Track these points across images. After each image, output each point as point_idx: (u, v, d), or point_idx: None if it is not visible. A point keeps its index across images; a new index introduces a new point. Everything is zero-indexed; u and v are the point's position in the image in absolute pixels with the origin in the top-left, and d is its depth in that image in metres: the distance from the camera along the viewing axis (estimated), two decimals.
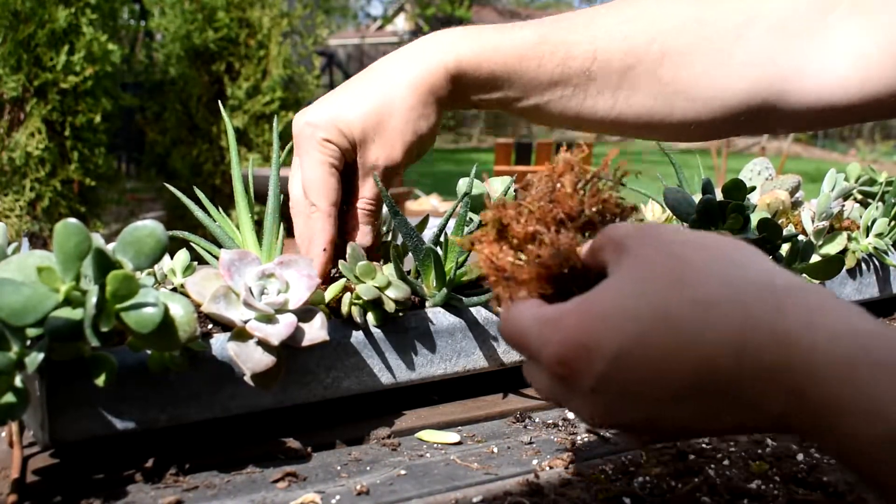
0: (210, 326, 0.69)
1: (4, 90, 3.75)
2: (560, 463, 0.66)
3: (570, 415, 0.77)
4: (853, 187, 1.22)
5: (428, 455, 0.69)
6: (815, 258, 1.02)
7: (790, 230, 1.03)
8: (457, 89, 0.75)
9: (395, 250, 0.77)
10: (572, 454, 0.69)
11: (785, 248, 0.96)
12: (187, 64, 4.77)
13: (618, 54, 0.74)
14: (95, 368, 0.58)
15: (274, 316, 0.66)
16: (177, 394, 0.65)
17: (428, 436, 0.73)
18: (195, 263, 0.80)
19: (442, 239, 0.81)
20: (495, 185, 0.90)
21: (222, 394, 0.67)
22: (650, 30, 0.75)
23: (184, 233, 0.80)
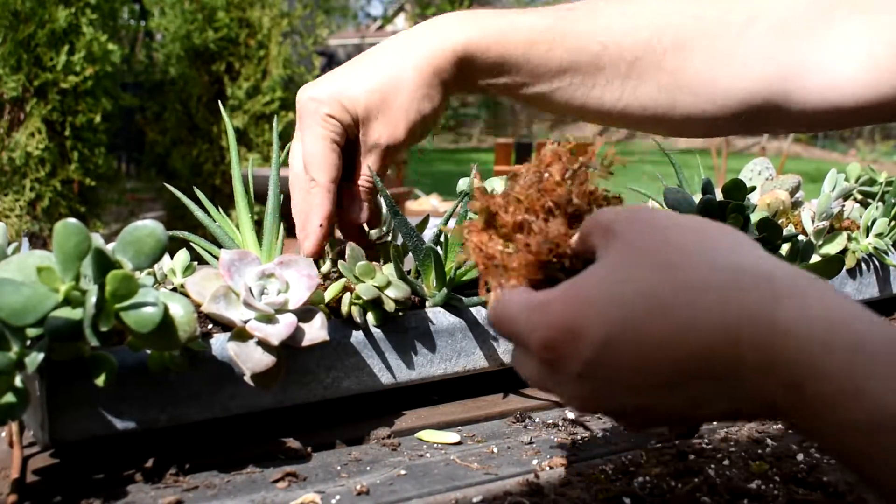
0: (210, 326, 0.69)
1: (4, 90, 3.75)
2: (560, 463, 0.66)
3: (571, 415, 0.77)
4: (853, 187, 1.22)
5: (428, 455, 0.69)
6: (815, 258, 1.02)
7: (790, 230, 1.03)
8: (463, 73, 0.75)
9: (395, 250, 0.77)
10: (572, 454, 0.69)
11: (785, 248, 0.96)
12: (187, 64, 4.77)
13: (626, 45, 0.74)
14: (95, 368, 0.58)
15: (274, 316, 0.66)
16: (177, 394, 0.65)
17: (428, 436, 0.73)
18: (195, 263, 0.80)
19: (442, 239, 0.81)
20: (495, 185, 0.90)
21: (222, 394, 0.67)
22: (653, 24, 0.74)
23: (184, 233, 0.80)
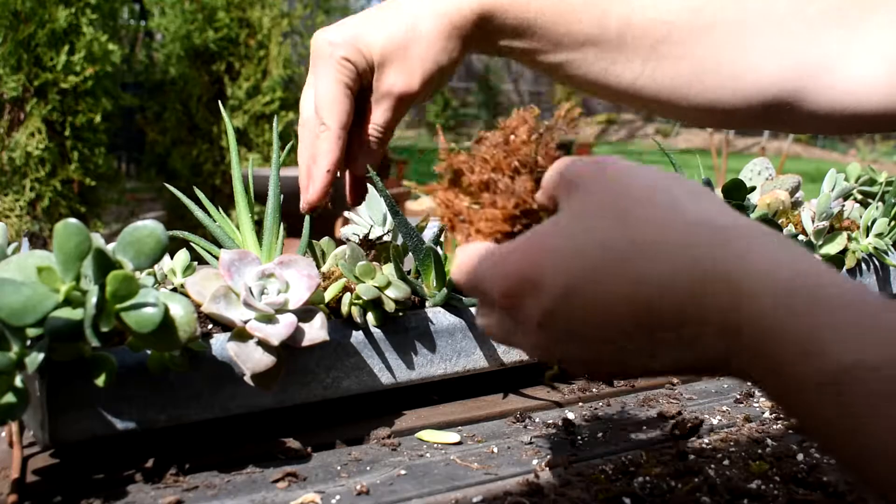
0: (210, 326, 0.69)
1: (4, 90, 3.75)
2: (560, 463, 0.66)
3: (570, 415, 0.77)
4: (853, 187, 1.22)
5: (428, 455, 0.69)
6: None
7: (790, 230, 1.03)
8: (482, 30, 0.73)
9: (395, 250, 0.77)
10: (572, 454, 0.69)
11: None
12: (187, 64, 4.77)
13: (653, 23, 0.72)
14: (95, 368, 0.58)
15: (274, 316, 0.66)
16: (177, 394, 0.65)
17: (428, 436, 0.73)
18: (195, 263, 0.80)
19: (442, 239, 0.81)
20: None
21: (222, 394, 0.67)
22: (682, 7, 0.73)
23: (184, 233, 0.80)
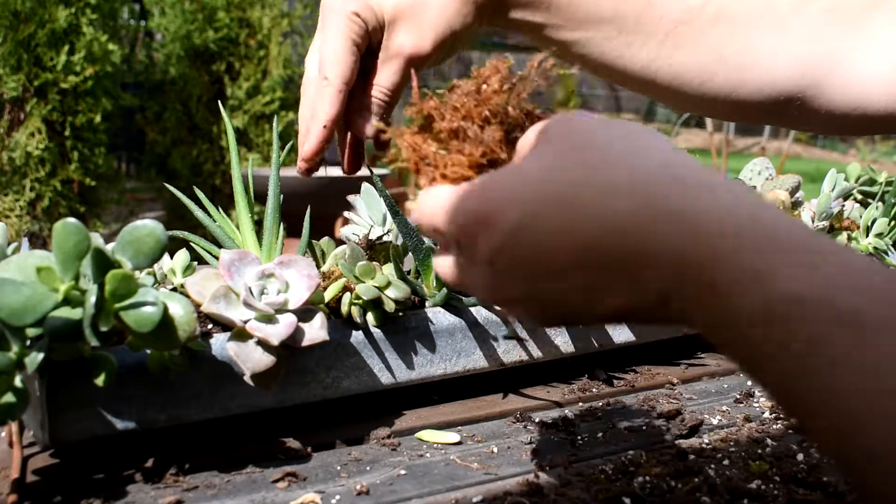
0: (210, 326, 0.69)
1: (4, 90, 3.75)
2: (560, 463, 0.66)
3: (570, 414, 0.77)
4: (853, 187, 1.22)
5: (428, 455, 0.69)
6: None
7: None
8: (497, 0, 0.71)
9: (395, 250, 0.77)
10: (572, 454, 0.69)
11: None
12: (187, 64, 4.77)
13: (673, 7, 0.71)
14: (95, 368, 0.58)
15: (274, 316, 0.66)
16: (176, 394, 0.65)
17: (428, 436, 0.73)
18: (195, 263, 0.80)
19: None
20: None
21: (222, 394, 0.67)
22: None
23: (184, 233, 0.80)
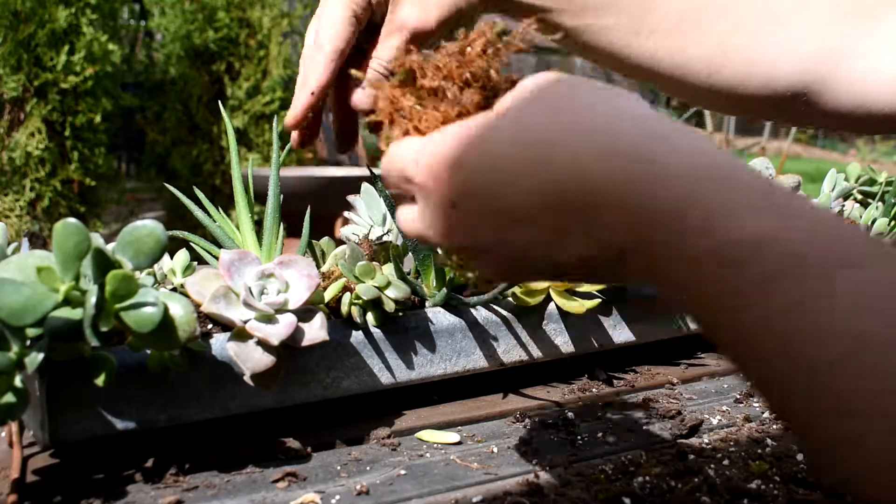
0: (210, 326, 0.69)
1: (4, 90, 3.75)
2: (560, 463, 0.66)
3: (570, 414, 0.77)
4: (853, 187, 1.22)
5: (428, 455, 0.69)
6: None
7: None
8: None
9: (395, 250, 0.77)
10: (572, 454, 0.69)
11: None
12: (187, 64, 4.77)
13: None
14: (95, 368, 0.58)
15: (274, 316, 0.66)
16: (177, 394, 0.65)
17: (428, 436, 0.73)
18: (195, 263, 0.80)
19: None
20: None
21: (222, 394, 0.67)
22: None
23: (184, 233, 0.80)
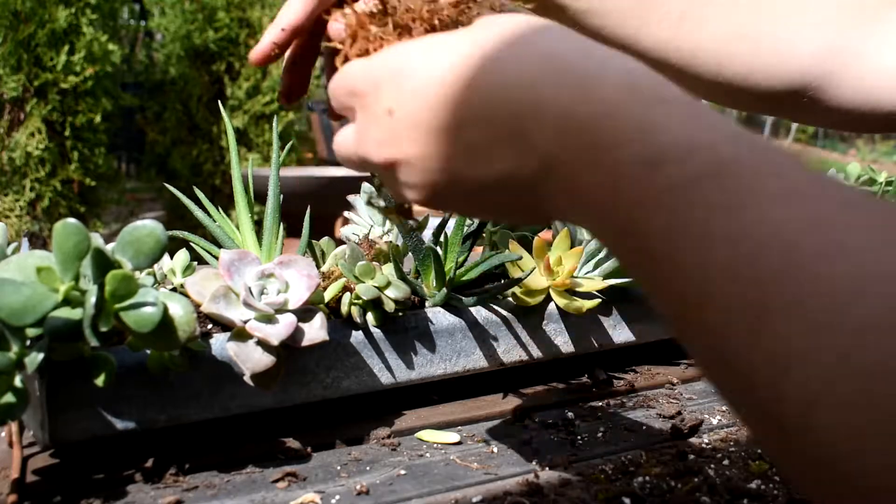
0: (210, 326, 0.69)
1: (4, 90, 3.75)
2: (560, 463, 0.66)
3: (570, 414, 0.77)
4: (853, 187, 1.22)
5: (428, 455, 0.69)
6: None
7: None
8: None
9: (395, 250, 0.77)
10: (572, 454, 0.69)
11: None
12: (187, 64, 4.77)
13: None
14: (95, 368, 0.58)
15: (274, 316, 0.66)
16: (176, 394, 0.65)
17: (428, 436, 0.73)
18: (195, 263, 0.80)
19: (442, 239, 0.81)
20: None
21: (222, 394, 0.67)
22: None
23: (184, 233, 0.80)
